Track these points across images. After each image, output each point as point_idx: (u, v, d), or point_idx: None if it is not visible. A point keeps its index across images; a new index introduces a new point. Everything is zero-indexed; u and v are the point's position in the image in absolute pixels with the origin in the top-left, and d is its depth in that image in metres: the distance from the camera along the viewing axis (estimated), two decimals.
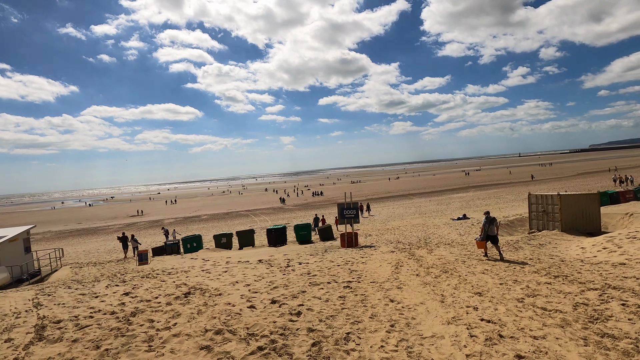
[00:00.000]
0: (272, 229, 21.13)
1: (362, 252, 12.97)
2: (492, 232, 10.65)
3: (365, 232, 23.13)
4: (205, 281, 8.22)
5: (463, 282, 7.47)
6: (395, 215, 34.77)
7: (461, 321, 5.21)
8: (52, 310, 6.09)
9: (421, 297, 6.52)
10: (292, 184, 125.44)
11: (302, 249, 17.29)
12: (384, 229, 24.38)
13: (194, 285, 7.75)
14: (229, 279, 8.41)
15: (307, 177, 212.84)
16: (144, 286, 8.15)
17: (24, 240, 17.80)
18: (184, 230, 40.60)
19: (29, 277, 16.69)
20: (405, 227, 23.75)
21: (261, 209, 56.43)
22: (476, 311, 5.61)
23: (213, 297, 6.63)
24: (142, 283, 8.62)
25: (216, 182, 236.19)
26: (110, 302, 6.47)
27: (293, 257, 12.56)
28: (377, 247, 14.97)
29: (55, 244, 39.51)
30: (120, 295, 7.15)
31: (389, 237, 19.96)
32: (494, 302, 6.04)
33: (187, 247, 20.81)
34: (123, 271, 14.37)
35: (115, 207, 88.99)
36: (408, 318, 5.49)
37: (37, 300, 6.96)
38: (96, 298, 7.00)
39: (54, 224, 60.10)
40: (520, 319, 5.24)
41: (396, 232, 21.62)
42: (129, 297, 6.89)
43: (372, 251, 13.29)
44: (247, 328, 4.97)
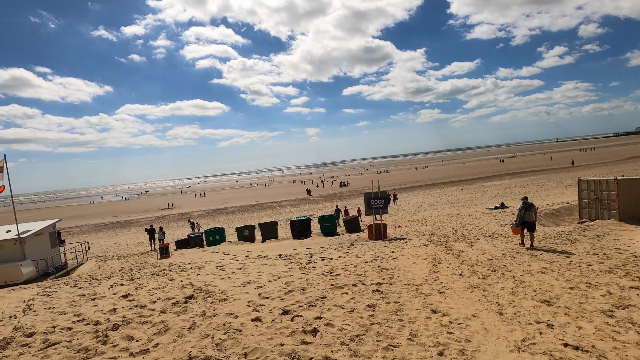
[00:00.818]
0: (296, 220, 20.17)
1: (392, 246, 11.67)
2: (530, 218, 10.02)
3: (394, 223, 21.69)
4: (214, 281, 7.29)
5: (520, 285, 6.06)
6: (426, 205, 32.94)
7: (537, 347, 3.78)
8: (36, 317, 5.35)
9: (471, 306, 5.16)
10: (317, 175, 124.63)
11: (326, 242, 16.19)
12: (414, 219, 22.83)
13: (201, 287, 6.84)
14: (241, 278, 7.44)
15: (332, 168, 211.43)
16: (148, 286, 7.35)
17: (50, 234, 17.78)
18: (211, 222, 40.67)
19: (55, 270, 16.65)
20: (438, 218, 22.09)
21: (287, 201, 55.91)
22: (552, 330, 4.19)
23: (216, 303, 5.64)
24: (148, 282, 7.84)
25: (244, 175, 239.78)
26: (102, 308, 5.65)
27: (316, 251, 11.47)
28: (409, 239, 13.61)
29: (90, 236, 40.75)
30: (118, 298, 6.36)
31: (420, 228, 18.46)
32: (571, 315, 4.61)
33: (210, 239, 20.27)
34: (141, 265, 13.87)
35: (148, 201, 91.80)
36: (461, 340, 4.08)
37: (31, 303, 6.31)
38: (92, 301, 6.24)
39: (92, 218, 62.44)
40: (625, 347, 3.71)
41: (428, 223, 20.05)
42: (125, 301, 6.07)
43: (403, 244, 11.97)
44: (245, 355, 3.81)
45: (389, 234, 17.20)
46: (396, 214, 27.90)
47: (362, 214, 29.81)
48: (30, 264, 15.30)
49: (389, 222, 21.98)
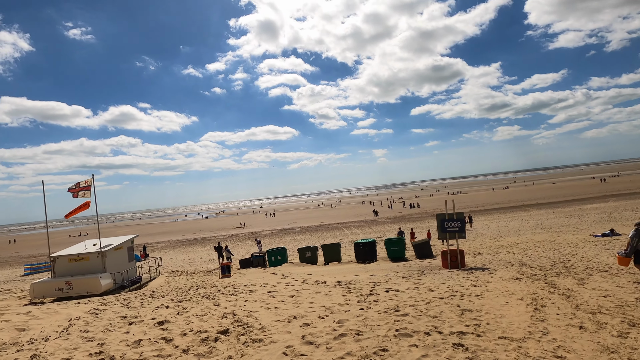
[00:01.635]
0: (360, 243, 18.74)
1: (473, 278, 9.67)
2: None
3: (472, 249, 19.00)
4: (259, 311, 6.34)
5: None
6: (509, 230, 28.94)
7: None
8: (63, 342, 4.93)
9: None
10: (385, 197, 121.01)
11: (393, 268, 14.47)
12: (496, 245, 19.80)
13: (241, 318, 5.93)
14: (289, 309, 6.38)
15: (401, 189, 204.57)
16: (191, 311, 6.69)
17: (128, 248, 18.84)
18: (277, 242, 40.97)
19: (130, 284, 17.47)
20: (527, 245, 18.83)
21: (353, 222, 54.42)
22: None
23: (248, 344, 4.61)
24: (193, 306, 7.22)
25: (312, 196, 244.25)
26: (130, 337, 5.04)
27: (380, 280, 9.98)
28: (493, 270, 11.35)
29: (170, 251, 43.75)
30: (153, 325, 5.76)
31: (506, 256, 15.70)
32: None
33: (272, 260, 19.80)
34: (201, 284, 13.69)
35: (224, 220, 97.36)
36: None
37: (73, 323, 6.04)
38: (128, 326, 5.74)
39: (175, 234, 67.64)
40: None
41: (515, 251, 17.07)
42: (158, 330, 5.41)
43: (488, 276, 9.87)
44: None
45: (467, 262, 14.86)
46: (474, 239, 24.78)
47: (431, 237, 27.22)
48: (108, 276, 16.19)
49: (466, 248, 19.33)
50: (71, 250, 17.27)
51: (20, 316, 6.42)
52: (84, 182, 16.50)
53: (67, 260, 16.50)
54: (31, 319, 6.28)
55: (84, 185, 16.38)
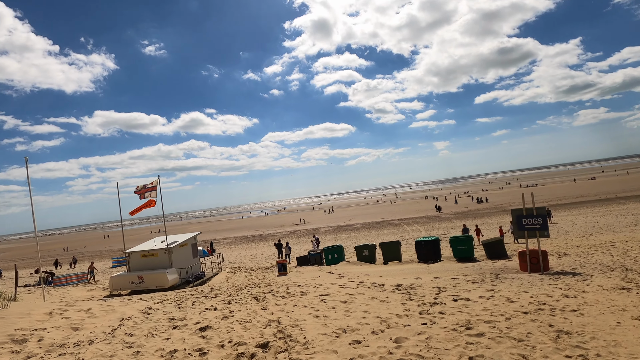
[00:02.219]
0: (422, 241, 17.35)
1: (563, 285, 8.04)
2: None
3: (556, 249, 16.50)
4: (306, 320, 5.71)
5: None
6: (601, 226, 25.03)
7: None
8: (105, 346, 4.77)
9: None
10: (448, 191, 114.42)
11: (460, 270, 12.99)
12: (586, 245, 17.00)
13: (286, 327, 5.33)
14: (339, 319, 5.64)
15: (466, 182, 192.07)
16: (236, 315, 6.30)
17: (192, 245, 19.68)
18: (335, 239, 40.54)
19: (195, 279, 18.20)
20: (628, 245, 15.84)
21: (414, 218, 52.00)
22: None
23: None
24: (241, 309, 6.85)
25: (370, 192, 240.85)
26: (167, 345, 4.71)
27: (446, 284, 8.80)
28: (587, 275, 9.45)
29: (235, 247, 45.72)
30: (195, 330, 5.44)
31: (601, 259, 13.26)
32: None
33: (329, 258, 19.27)
34: (257, 282, 13.58)
35: (284, 217, 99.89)
36: None
37: (122, 324, 6.01)
38: (172, 330, 5.49)
39: (240, 231, 70.86)
40: None
41: (613, 252, 14.39)
42: (197, 337, 5.05)
43: (582, 284, 8.15)
44: None
45: (551, 264, 12.81)
46: (556, 237, 21.75)
47: (503, 234, 24.50)
48: (175, 271, 16.99)
49: (548, 248, 16.88)
50: (143, 247, 18.48)
51: (81, 313, 6.60)
52: (150, 183, 17.49)
53: (140, 256, 17.66)
54: (88, 317, 6.41)
55: (150, 186, 17.36)
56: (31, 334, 5.24)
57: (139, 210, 17.28)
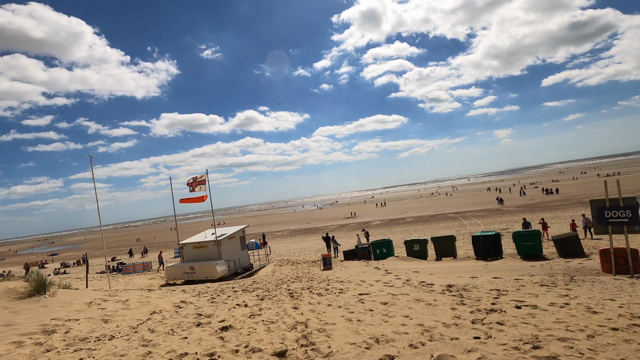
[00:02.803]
0: (480, 236, 15.72)
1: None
2: None
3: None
4: (336, 324, 5.03)
5: None
6: None
7: None
8: (123, 344, 4.56)
9: None
10: (511, 182, 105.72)
11: (525, 269, 11.40)
12: None
13: (311, 333, 4.70)
14: (374, 326, 4.87)
15: (532, 173, 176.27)
16: (263, 315, 5.85)
17: (240, 238, 20.00)
18: (387, 232, 39.28)
19: (243, 271, 18.47)
20: None
21: (472, 211, 48.64)
22: None
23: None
24: (271, 307, 6.39)
25: (424, 185, 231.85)
26: (176, 349, 4.30)
27: (507, 287, 7.58)
28: None
29: (286, 240, 46.46)
30: (217, 329, 5.05)
31: None
32: None
33: (377, 252, 18.37)
34: (300, 276, 13.23)
35: (336, 210, 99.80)
36: None
37: (151, 317, 5.86)
38: (195, 327, 5.19)
39: (292, 224, 72.10)
40: None
41: None
42: (216, 339, 4.62)
43: None
44: None
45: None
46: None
47: (576, 228, 21.57)
48: (223, 263, 17.35)
49: (637, 244, 14.34)
50: (195, 239, 19.15)
51: (117, 304, 6.65)
52: (200, 176, 17.98)
53: (192, 248, 18.32)
54: (123, 309, 6.43)
55: (200, 179, 17.85)
56: (62, 325, 5.29)
57: (190, 201, 17.88)
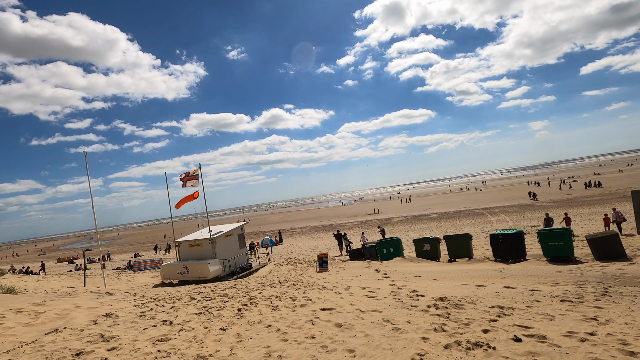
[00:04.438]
0: (500, 234, 13.70)
1: None
2: None
3: None
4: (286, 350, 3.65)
5: None
6: None
7: None
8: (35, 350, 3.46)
9: None
10: (546, 176, 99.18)
11: (548, 275, 9.47)
12: None
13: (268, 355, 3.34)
14: None
15: (570, 166, 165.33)
16: (172, 341, 4.51)
17: (239, 235, 18.85)
18: (407, 229, 37.29)
19: (240, 270, 17.39)
20: None
21: (502, 207, 45.41)
22: None
23: None
24: (193, 328, 5.07)
25: (454, 180, 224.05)
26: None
27: (515, 301, 5.88)
28: None
29: (303, 237, 45.39)
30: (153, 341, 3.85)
31: None
32: None
33: (383, 252, 16.70)
34: (293, 279, 11.91)
35: (360, 206, 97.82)
36: None
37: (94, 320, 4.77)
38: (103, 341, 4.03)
39: (314, 220, 71.01)
40: None
41: None
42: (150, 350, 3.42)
43: None
44: None
45: None
46: None
47: (609, 223, 19.19)
48: (218, 262, 16.30)
49: None
50: (191, 237, 18.30)
51: (25, 317, 5.61)
52: (193, 171, 17.04)
53: (188, 246, 17.45)
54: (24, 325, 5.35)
55: (193, 174, 16.91)
56: None
57: (184, 202, 16.94)
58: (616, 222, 18.60)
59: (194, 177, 16.79)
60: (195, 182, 16.79)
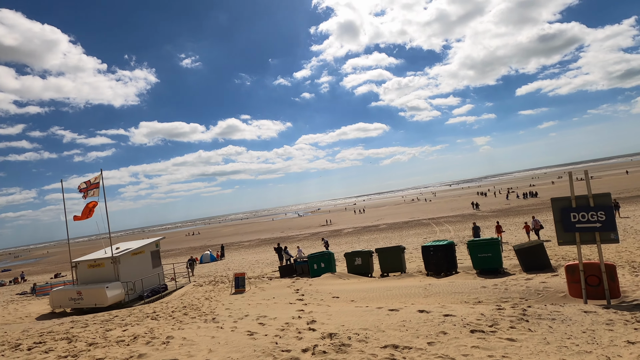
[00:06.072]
0: (431, 246, 12.93)
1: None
2: None
3: (626, 257, 11.43)
4: None
5: None
6: None
7: None
8: None
9: None
10: (487, 188, 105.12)
11: (472, 292, 8.63)
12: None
13: None
14: None
15: (510, 178, 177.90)
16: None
17: (152, 253, 16.50)
18: (354, 241, 36.46)
19: (150, 294, 15.06)
20: None
21: (447, 217, 46.40)
22: None
23: None
24: None
25: (407, 191, 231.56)
26: None
27: (419, 335, 4.74)
28: None
29: (247, 251, 42.89)
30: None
31: None
32: None
33: (314, 267, 15.35)
34: (200, 305, 10.14)
35: (314, 218, 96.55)
36: None
37: None
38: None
39: (265, 233, 68.26)
40: None
41: None
42: None
43: None
44: None
45: (624, 284, 8.09)
46: (624, 238, 16.26)
47: (530, 231, 19.93)
48: (118, 286, 13.87)
49: (614, 255, 11.83)
50: (91, 256, 15.69)
51: None
52: (94, 178, 14.67)
53: (86, 267, 14.85)
54: None
55: (94, 182, 14.53)
56: None
57: (85, 215, 14.40)
58: (534, 230, 19.29)
59: (94, 186, 14.39)
60: (96, 192, 14.39)
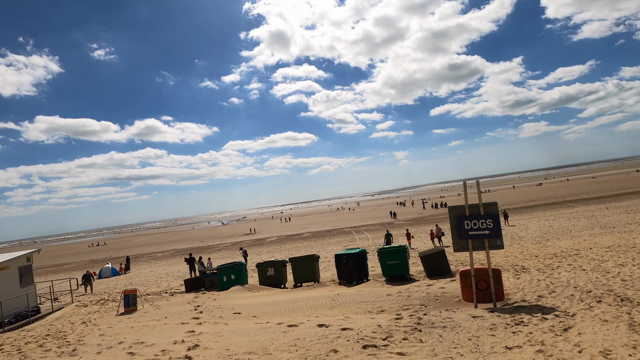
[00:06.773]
0: (344, 254, 12.93)
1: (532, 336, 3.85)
2: None
3: (511, 260, 12.77)
4: None
5: None
6: (557, 230, 22.20)
7: None
8: None
9: None
10: (407, 197, 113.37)
11: (377, 300, 8.66)
12: (546, 254, 13.45)
13: None
14: None
15: (425, 189, 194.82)
16: None
17: (20, 268, 13.70)
18: (277, 250, 35.62)
19: (14, 319, 12.38)
20: (595, 253, 12.39)
21: (367, 225, 48.30)
22: None
23: None
24: None
25: (333, 201, 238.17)
26: None
27: (307, 355, 4.32)
28: (563, 313, 5.45)
29: (158, 262, 39.08)
30: None
31: (571, 276, 9.49)
32: None
33: (223, 280, 14.29)
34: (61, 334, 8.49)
35: (238, 226, 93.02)
36: None
37: None
38: None
39: (182, 243, 63.32)
40: None
41: (584, 265, 10.74)
42: None
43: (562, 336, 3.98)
44: None
45: (508, 287, 8.82)
46: (510, 244, 18.36)
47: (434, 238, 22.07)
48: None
49: (502, 259, 13.14)
50: None
51: None
52: None
53: None
54: None
55: None
56: None
57: None
58: (437, 237, 21.10)
59: None
60: None
